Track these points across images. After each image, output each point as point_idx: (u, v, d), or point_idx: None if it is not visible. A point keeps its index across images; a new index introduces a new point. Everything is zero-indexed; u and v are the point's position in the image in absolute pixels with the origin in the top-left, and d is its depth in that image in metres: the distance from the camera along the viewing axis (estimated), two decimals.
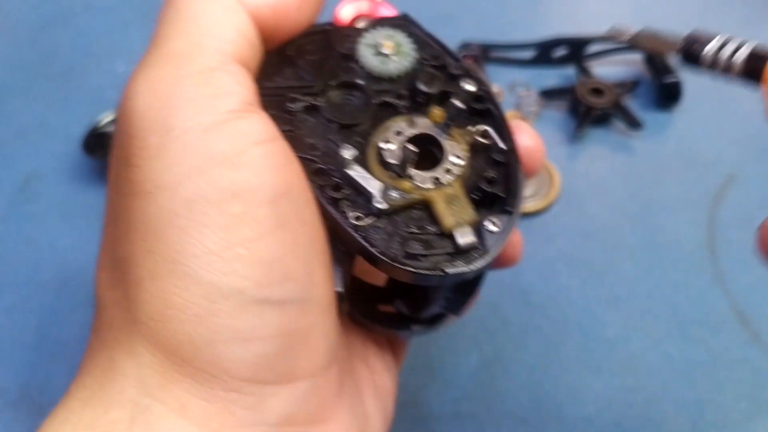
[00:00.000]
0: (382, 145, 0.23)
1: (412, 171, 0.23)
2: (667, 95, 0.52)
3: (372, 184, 0.22)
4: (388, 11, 0.53)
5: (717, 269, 0.43)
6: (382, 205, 0.22)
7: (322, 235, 0.22)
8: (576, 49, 0.55)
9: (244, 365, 0.19)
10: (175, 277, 0.19)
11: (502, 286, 0.42)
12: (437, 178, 0.23)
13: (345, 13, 0.53)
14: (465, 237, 0.22)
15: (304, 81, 0.24)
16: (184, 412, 0.19)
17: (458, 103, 0.24)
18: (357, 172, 0.22)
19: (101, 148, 0.48)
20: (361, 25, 0.26)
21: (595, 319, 0.41)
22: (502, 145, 0.24)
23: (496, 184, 0.23)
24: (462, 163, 0.23)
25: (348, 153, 0.22)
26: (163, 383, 0.19)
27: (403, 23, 0.26)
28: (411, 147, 0.23)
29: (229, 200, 0.19)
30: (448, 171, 0.23)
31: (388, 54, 0.25)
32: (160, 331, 0.19)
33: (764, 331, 0.40)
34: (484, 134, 0.24)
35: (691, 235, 0.45)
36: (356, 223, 0.22)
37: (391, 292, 0.27)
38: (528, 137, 0.25)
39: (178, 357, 0.19)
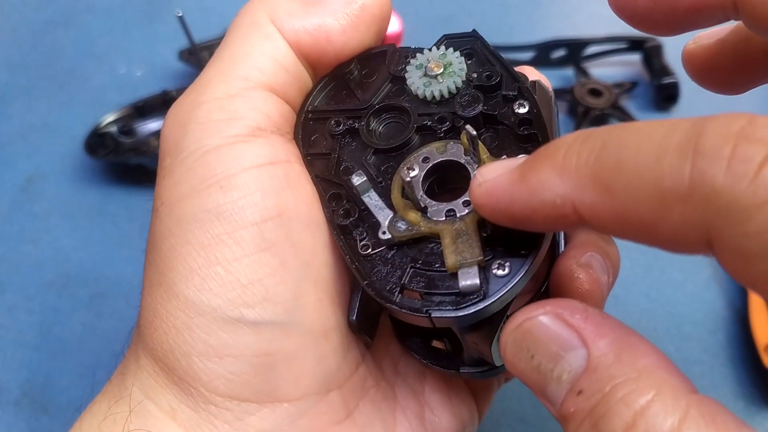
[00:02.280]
0: (405, 171, 0.21)
1: (429, 201, 0.21)
2: (665, 96, 0.53)
3: (383, 214, 0.21)
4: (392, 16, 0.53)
5: (714, 269, 0.43)
6: (386, 236, 0.20)
7: (324, 261, 0.21)
8: (574, 51, 0.56)
9: (218, 380, 0.20)
10: (162, 290, 0.20)
11: None
12: (452, 211, 0.20)
13: None
14: (467, 278, 0.19)
15: (354, 104, 0.23)
16: (174, 416, 0.20)
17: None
18: (372, 200, 0.21)
19: (103, 149, 0.49)
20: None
21: None
22: None
23: None
24: None
25: (357, 180, 0.21)
26: (156, 387, 0.21)
27: (468, 40, 0.24)
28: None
29: (212, 221, 0.20)
30: (467, 203, 0.20)
31: (435, 75, 0.23)
32: (149, 338, 0.21)
33: None
34: None
35: None
36: (363, 252, 0.20)
37: (443, 329, 0.24)
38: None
39: (164, 364, 0.20)
